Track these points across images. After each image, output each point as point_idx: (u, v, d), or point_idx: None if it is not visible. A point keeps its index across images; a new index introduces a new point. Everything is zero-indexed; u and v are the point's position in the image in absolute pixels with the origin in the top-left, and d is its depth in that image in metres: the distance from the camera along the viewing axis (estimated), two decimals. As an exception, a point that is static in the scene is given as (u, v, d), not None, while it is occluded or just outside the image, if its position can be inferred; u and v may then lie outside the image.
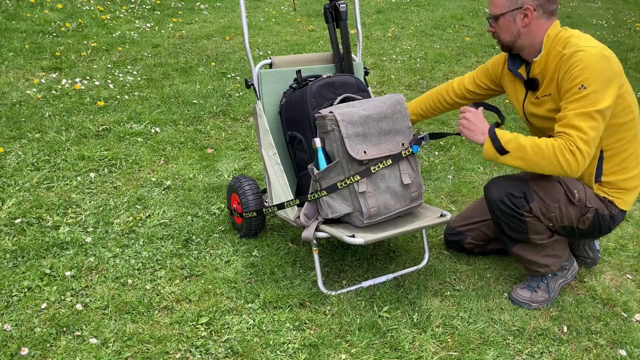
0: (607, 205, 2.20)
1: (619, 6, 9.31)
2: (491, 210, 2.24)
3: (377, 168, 2.20)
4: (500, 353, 2.08)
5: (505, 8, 2.15)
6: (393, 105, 2.28)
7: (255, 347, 2.04)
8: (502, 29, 2.19)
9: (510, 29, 2.17)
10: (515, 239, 2.23)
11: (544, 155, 2.00)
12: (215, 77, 4.85)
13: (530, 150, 2.02)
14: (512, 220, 2.18)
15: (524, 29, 2.15)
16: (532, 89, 2.24)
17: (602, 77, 1.99)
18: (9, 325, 2.07)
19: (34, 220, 2.73)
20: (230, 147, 3.66)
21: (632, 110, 2.12)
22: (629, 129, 2.14)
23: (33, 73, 4.51)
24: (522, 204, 2.15)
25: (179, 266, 2.48)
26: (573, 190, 2.16)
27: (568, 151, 1.97)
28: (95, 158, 3.34)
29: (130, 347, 2.01)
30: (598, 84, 1.98)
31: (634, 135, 2.16)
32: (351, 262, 2.58)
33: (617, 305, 2.38)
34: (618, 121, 2.11)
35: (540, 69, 2.17)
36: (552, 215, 2.16)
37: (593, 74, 1.99)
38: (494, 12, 2.19)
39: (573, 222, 2.19)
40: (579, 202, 2.16)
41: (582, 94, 1.99)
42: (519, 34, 2.17)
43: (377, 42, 6.37)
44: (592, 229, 2.22)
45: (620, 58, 2.18)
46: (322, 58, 2.64)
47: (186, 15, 6.77)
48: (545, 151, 1.99)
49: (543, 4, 2.13)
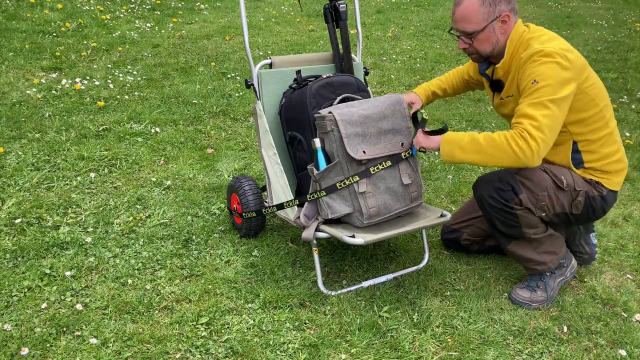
0: (595, 186, 2.21)
1: (619, 6, 9.31)
2: (482, 208, 2.25)
3: (377, 169, 2.20)
4: (500, 353, 2.08)
5: (483, 22, 2.13)
6: (392, 105, 2.28)
7: (255, 347, 2.04)
8: (483, 42, 2.17)
9: (490, 40, 2.17)
10: (509, 234, 2.23)
11: (497, 145, 2.02)
12: (215, 77, 4.85)
13: (484, 143, 2.04)
14: (503, 214, 2.18)
15: (502, 36, 2.17)
16: (497, 90, 2.30)
17: (556, 74, 2.02)
18: (9, 325, 2.07)
19: (34, 220, 2.73)
20: (230, 147, 3.66)
21: (596, 103, 2.14)
22: (598, 119, 2.16)
23: (33, 73, 4.51)
24: (510, 197, 2.15)
25: (179, 266, 2.48)
26: (560, 177, 2.18)
27: (520, 138, 2.00)
28: (95, 158, 3.34)
29: (130, 347, 2.01)
30: (551, 79, 2.01)
31: (606, 124, 2.18)
32: (351, 262, 2.58)
33: (617, 305, 2.38)
34: (583, 115, 2.14)
35: (504, 71, 2.22)
36: (543, 204, 2.17)
37: (547, 72, 2.01)
38: (472, 29, 2.15)
39: (565, 208, 2.20)
40: (568, 187, 2.17)
41: (534, 87, 2.03)
42: (498, 42, 2.18)
43: (377, 42, 6.37)
44: (587, 213, 2.23)
45: (620, 58, 2.18)
46: (322, 58, 2.64)
47: (186, 15, 6.78)
48: (498, 141, 2.02)
49: (514, 6, 2.16)
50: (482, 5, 2.11)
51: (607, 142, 2.20)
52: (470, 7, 2.12)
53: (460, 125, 4.29)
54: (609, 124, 2.20)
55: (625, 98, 4.98)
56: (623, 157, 2.26)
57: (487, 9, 2.11)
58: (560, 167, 2.22)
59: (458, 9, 2.16)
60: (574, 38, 7.08)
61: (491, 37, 2.16)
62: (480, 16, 2.12)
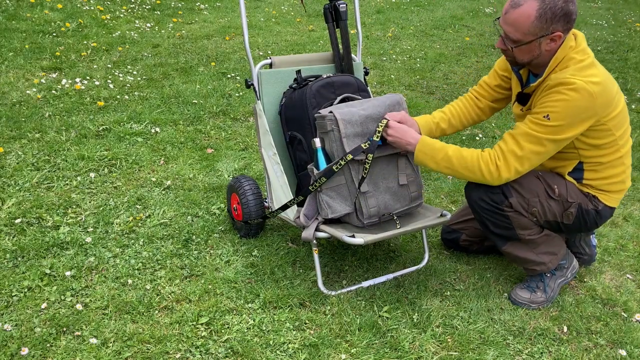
0: (592, 199, 2.19)
1: (619, 6, 9.31)
2: (474, 211, 2.24)
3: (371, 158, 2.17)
4: (500, 353, 2.08)
5: (531, 36, 1.97)
6: (392, 106, 2.28)
7: (255, 347, 2.04)
8: (523, 52, 2.03)
9: (532, 53, 2.02)
10: (503, 235, 2.22)
11: (468, 166, 2.09)
12: (215, 77, 4.85)
13: (456, 161, 2.10)
14: (495, 216, 2.18)
15: (546, 52, 2.02)
16: (522, 103, 2.22)
17: (574, 114, 1.95)
18: (9, 325, 2.07)
19: (34, 220, 2.73)
20: (230, 147, 3.66)
21: (613, 133, 2.07)
22: (611, 146, 2.11)
23: (33, 73, 4.51)
24: (500, 200, 2.15)
25: (179, 266, 2.47)
26: (552, 185, 2.16)
27: (493, 164, 2.05)
28: (95, 158, 3.34)
29: (130, 347, 2.01)
30: (563, 120, 1.95)
31: (618, 149, 2.13)
32: (351, 262, 2.58)
33: (617, 305, 2.38)
34: (597, 142, 2.08)
35: (535, 87, 2.11)
36: (534, 209, 2.16)
37: (565, 110, 1.94)
38: (516, 37, 1.98)
39: (557, 216, 2.19)
40: (559, 197, 2.16)
41: (544, 122, 1.98)
42: (540, 55, 2.03)
43: (377, 42, 6.37)
44: (578, 224, 2.21)
45: (620, 58, 2.18)
46: (322, 58, 2.64)
47: (186, 15, 6.77)
48: (470, 162, 2.08)
49: (570, 27, 1.99)
50: (538, 18, 1.93)
51: (614, 165, 2.15)
52: (525, 16, 1.94)
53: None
54: (621, 149, 2.13)
55: (626, 98, 4.97)
56: (627, 178, 2.21)
57: (541, 24, 1.94)
58: (556, 175, 2.20)
59: (513, 11, 1.97)
60: (574, 38, 7.08)
61: (534, 51, 2.01)
62: (532, 29, 1.95)
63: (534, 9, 1.92)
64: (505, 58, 2.19)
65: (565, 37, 2.01)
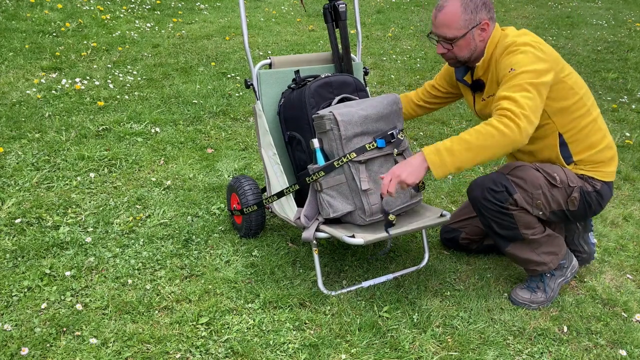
0: (588, 181, 2.23)
1: (619, 6, 9.31)
2: (478, 212, 2.24)
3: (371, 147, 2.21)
4: (500, 353, 2.08)
5: (464, 29, 2.17)
6: (390, 105, 2.29)
7: (255, 347, 2.04)
8: (462, 48, 2.20)
9: (469, 46, 2.21)
10: (507, 236, 2.23)
11: (484, 134, 1.97)
12: (215, 77, 4.85)
13: (471, 138, 1.98)
14: (499, 216, 2.18)
15: (480, 43, 2.21)
16: (479, 90, 2.31)
17: (532, 60, 2.06)
18: (9, 325, 2.07)
19: (34, 220, 2.73)
20: (230, 147, 3.66)
21: (576, 91, 2.18)
22: (579, 107, 2.19)
23: (33, 73, 4.52)
24: (505, 198, 2.15)
25: (179, 266, 2.47)
26: (552, 174, 2.19)
27: (504, 117, 1.98)
28: (95, 158, 3.34)
29: (130, 347, 2.01)
30: (528, 66, 2.05)
31: (588, 112, 2.21)
32: (351, 262, 2.58)
33: (617, 305, 2.38)
34: (565, 104, 2.17)
35: (484, 70, 2.25)
36: (539, 202, 2.17)
37: (522, 59, 2.06)
38: (452, 34, 2.17)
39: (562, 205, 2.21)
40: (561, 184, 2.19)
41: (512, 74, 2.06)
42: (476, 48, 2.21)
43: (377, 42, 6.37)
44: (584, 209, 2.24)
45: (620, 58, 2.19)
46: (321, 58, 2.64)
47: (186, 15, 6.78)
48: (484, 131, 1.97)
49: (493, 14, 2.20)
50: (464, 12, 2.15)
51: (592, 131, 2.22)
52: (452, 13, 2.15)
53: (461, 125, 4.29)
54: (591, 112, 2.22)
55: (626, 98, 4.98)
56: (610, 143, 2.28)
57: (468, 16, 2.15)
58: (552, 165, 2.24)
59: (440, 14, 2.18)
60: (574, 38, 7.08)
61: (470, 44, 2.20)
62: (462, 23, 2.15)
63: (457, 5, 2.15)
64: (448, 62, 2.30)
65: (493, 26, 2.21)
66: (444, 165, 1.98)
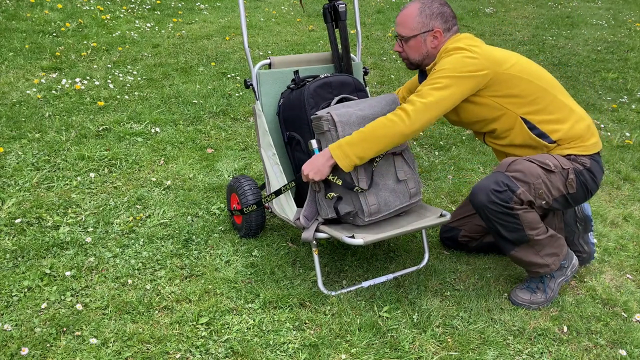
0: (576, 160, 2.26)
1: (619, 6, 9.31)
2: (484, 217, 2.23)
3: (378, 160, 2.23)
4: (500, 353, 2.08)
5: (416, 30, 2.30)
6: (388, 105, 2.30)
7: (255, 347, 2.04)
8: (412, 50, 2.34)
9: (420, 50, 2.33)
10: (513, 240, 2.23)
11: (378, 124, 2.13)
12: (215, 77, 4.85)
13: (367, 129, 2.14)
14: (505, 218, 2.18)
15: (432, 50, 2.32)
16: None
17: (456, 61, 2.16)
18: (9, 325, 2.07)
19: (34, 220, 2.73)
20: (230, 147, 3.66)
21: (523, 77, 2.23)
22: (532, 91, 2.24)
23: (33, 73, 4.52)
24: (509, 197, 2.15)
25: (179, 266, 2.48)
26: (545, 161, 2.22)
27: (399, 108, 2.16)
28: (95, 158, 3.34)
29: (130, 347, 2.01)
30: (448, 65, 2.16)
31: (544, 91, 2.26)
32: (351, 262, 2.58)
33: (617, 305, 2.38)
34: (514, 91, 2.23)
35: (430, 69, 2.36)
36: (541, 191, 2.19)
37: (447, 61, 2.18)
38: (405, 33, 2.32)
39: (561, 189, 2.23)
40: (556, 168, 2.22)
41: (432, 75, 2.19)
42: (427, 54, 2.33)
43: (377, 42, 6.37)
44: (582, 190, 2.27)
45: (620, 58, 2.19)
46: (321, 58, 2.64)
47: (186, 15, 6.78)
48: (379, 121, 2.14)
49: (450, 26, 2.31)
50: (419, 15, 2.29)
51: (555, 108, 2.26)
52: (408, 14, 2.32)
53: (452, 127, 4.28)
54: (549, 91, 2.27)
55: (626, 98, 4.97)
56: (581, 115, 2.32)
57: (422, 19, 2.29)
58: (542, 154, 2.27)
59: (401, 13, 2.35)
60: (574, 38, 7.08)
61: (421, 47, 2.32)
62: (415, 24, 2.30)
63: (416, 7, 2.31)
64: (403, 61, 2.43)
65: (447, 36, 2.31)
66: (347, 157, 2.13)
